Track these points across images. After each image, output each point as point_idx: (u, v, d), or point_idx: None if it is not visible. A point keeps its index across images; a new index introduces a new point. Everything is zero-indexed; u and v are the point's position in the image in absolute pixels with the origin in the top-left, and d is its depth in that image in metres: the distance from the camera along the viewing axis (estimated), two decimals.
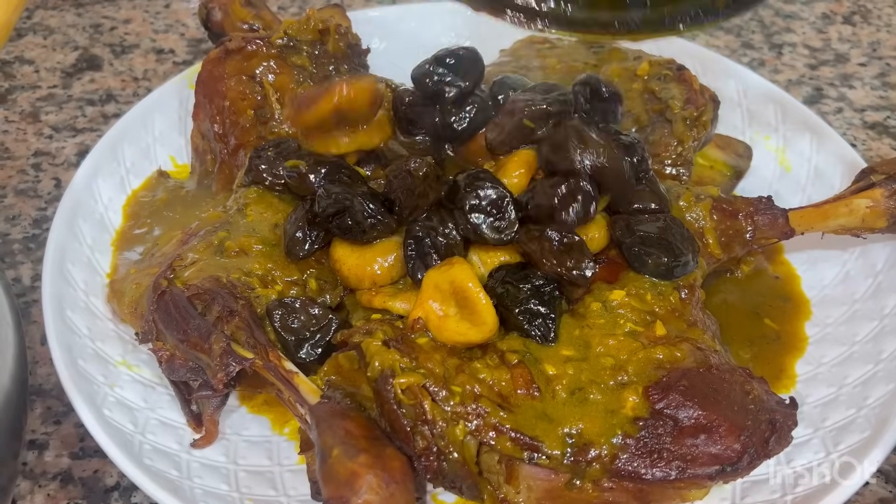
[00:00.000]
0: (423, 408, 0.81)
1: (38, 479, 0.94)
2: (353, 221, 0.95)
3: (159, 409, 0.95)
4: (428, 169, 0.94)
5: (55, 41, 1.66)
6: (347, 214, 0.95)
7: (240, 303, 0.92)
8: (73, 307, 1.01)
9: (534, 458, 0.81)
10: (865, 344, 1.01)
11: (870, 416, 0.91)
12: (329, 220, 0.95)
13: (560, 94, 1.01)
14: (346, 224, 0.95)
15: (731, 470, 0.81)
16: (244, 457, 0.92)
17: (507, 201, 0.93)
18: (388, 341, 0.86)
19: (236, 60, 1.15)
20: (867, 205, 1.03)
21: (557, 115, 1.00)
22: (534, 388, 0.85)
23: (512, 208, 0.93)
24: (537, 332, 0.89)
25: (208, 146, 1.20)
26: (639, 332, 0.90)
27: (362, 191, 0.97)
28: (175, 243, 1.05)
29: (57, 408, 1.01)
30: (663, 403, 0.83)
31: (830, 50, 1.67)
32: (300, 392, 0.85)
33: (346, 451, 0.76)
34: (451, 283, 0.89)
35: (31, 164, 1.37)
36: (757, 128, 1.31)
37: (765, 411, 0.85)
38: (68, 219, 1.09)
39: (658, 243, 0.95)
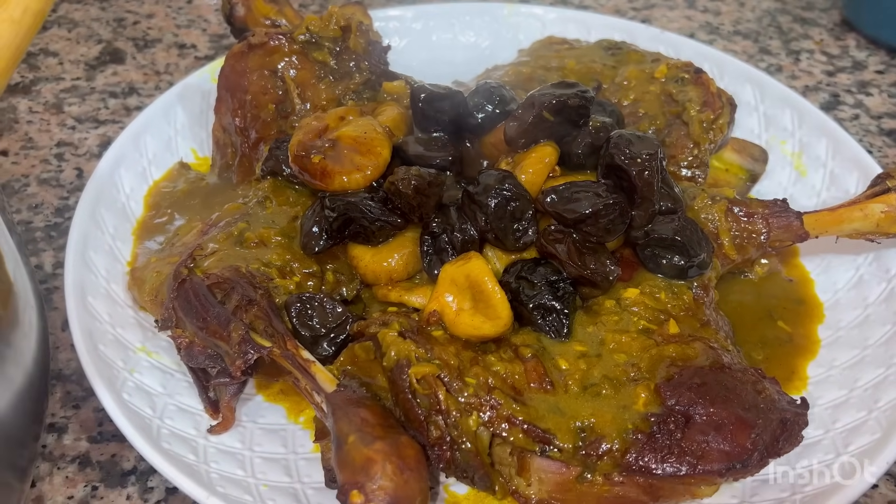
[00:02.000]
0: (438, 398, 0.82)
1: (56, 462, 0.95)
2: (361, 227, 0.97)
3: (177, 395, 0.96)
4: (417, 181, 0.95)
5: (79, 34, 1.69)
6: (354, 222, 0.96)
7: (258, 292, 0.94)
8: (94, 294, 1.02)
9: (545, 451, 0.82)
10: (878, 348, 1.02)
11: (880, 418, 0.92)
12: (340, 230, 0.98)
13: (580, 91, 1.02)
14: (356, 230, 0.97)
15: (741, 467, 0.81)
16: (260, 444, 0.94)
17: (529, 210, 0.94)
18: (403, 332, 0.87)
19: (259, 55, 1.17)
20: (882, 209, 1.03)
21: (577, 109, 1.01)
22: (547, 381, 0.86)
23: (532, 216, 0.94)
24: (551, 328, 0.90)
25: (229, 139, 1.22)
26: (652, 329, 0.91)
27: (364, 196, 0.98)
28: (195, 233, 1.06)
29: (76, 392, 1.02)
30: (675, 400, 0.84)
31: (848, 57, 1.67)
32: (317, 380, 0.87)
33: (362, 438, 0.77)
34: (466, 278, 0.91)
35: (53, 154, 1.39)
36: (773, 132, 1.32)
37: (776, 411, 0.85)
38: (91, 207, 1.11)
39: (673, 244, 0.96)
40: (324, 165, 0.99)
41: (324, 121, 1.06)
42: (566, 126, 1.01)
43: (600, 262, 0.93)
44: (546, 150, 1.00)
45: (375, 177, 1.01)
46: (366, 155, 1.00)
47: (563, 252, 0.93)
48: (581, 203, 0.94)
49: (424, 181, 0.96)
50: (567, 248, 0.93)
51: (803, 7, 1.84)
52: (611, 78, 1.27)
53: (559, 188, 0.96)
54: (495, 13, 1.52)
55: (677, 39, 1.45)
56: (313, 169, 1.00)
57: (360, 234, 0.98)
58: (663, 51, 1.37)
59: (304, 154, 1.01)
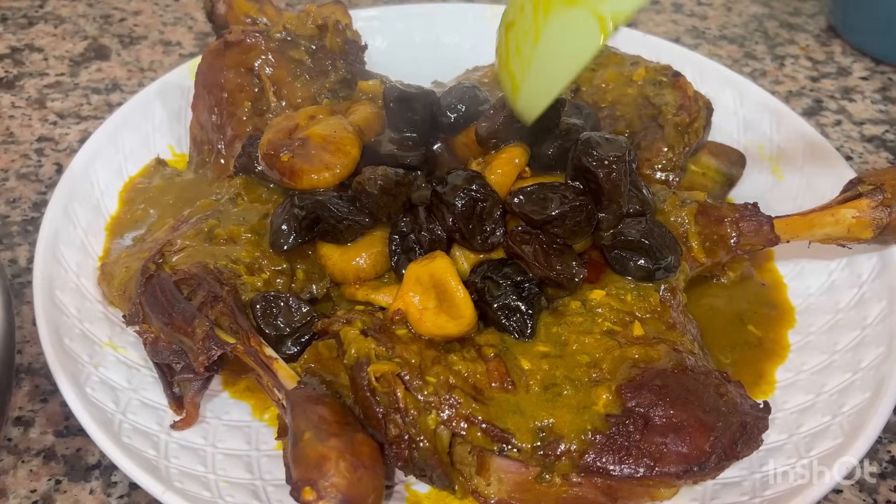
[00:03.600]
0: (396, 396, 0.82)
1: (21, 455, 0.95)
2: (330, 226, 0.97)
3: (142, 390, 0.97)
4: (384, 181, 0.96)
5: (65, 30, 1.69)
6: (323, 221, 0.97)
7: (225, 289, 0.94)
8: (63, 288, 1.03)
9: (504, 451, 0.82)
10: (846, 353, 1.01)
11: (843, 423, 0.91)
12: (309, 229, 0.98)
13: None
14: (325, 229, 0.97)
15: (699, 470, 0.81)
16: (223, 440, 0.94)
17: (497, 211, 0.94)
18: (366, 330, 0.87)
19: (235, 53, 1.17)
20: (853, 215, 1.03)
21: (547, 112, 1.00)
22: (508, 381, 0.86)
23: (500, 217, 0.94)
24: (514, 328, 0.90)
25: (206, 136, 1.22)
26: (616, 331, 0.91)
27: (332, 195, 0.98)
28: (166, 229, 1.07)
29: (45, 386, 1.02)
30: (635, 402, 0.84)
31: (833, 63, 1.67)
32: (278, 377, 0.87)
33: (318, 435, 0.77)
34: (431, 277, 0.91)
35: (34, 149, 1.39)
36: (751, 136, 1.32)
37: (737, 414, 0.85)
38: (64, 202, 1.11)
39: (640, 247, 0.95)
40: (292, 164, 1.00)
41: (294, 120, 1.06)
42: (536, 128, 1.01)
43: (566, 264, 0.93)
44: (516, 151, 1.00)
45: (344, 176, 1.01)
46: (335, 154, 1.00)
47: (530, 253, 0.93)
48: (548, 205, 0.94)
49: (391, 181, 0.96)
50: (533, 249, 0.93)
51: (790, 13, 1.84)
52: (589, 80, 1.27)
53: (527, 189, 0.96)
54: (479, 15, 1.52)
55: (659, 43, 1.45)
56: (282, 167, 1.00)
57: (328, 232, 0.98)
58: (645, 54, 1.37)
59: (273, 153, 1.01)
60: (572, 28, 0.82)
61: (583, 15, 0.80)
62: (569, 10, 0.82)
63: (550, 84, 0.87)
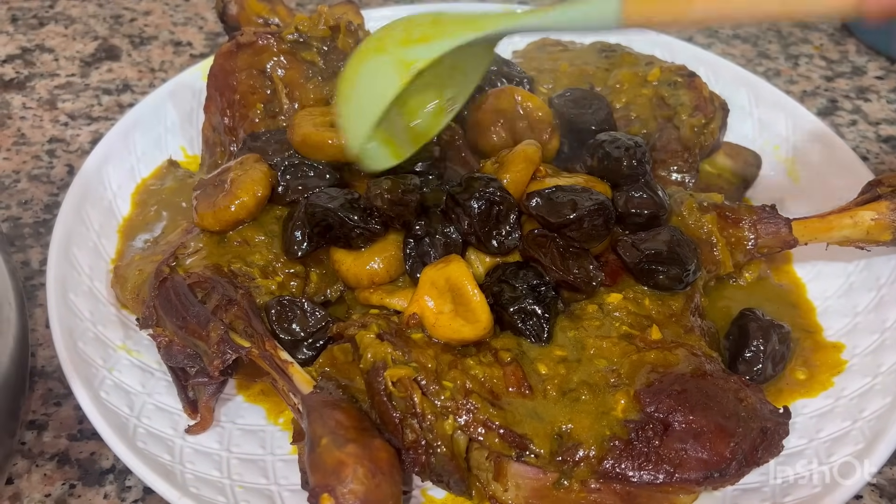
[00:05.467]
0: (413, 401, 0.82)
1: (35, 459, 0.95)
2: (341, 234, 0.96)
3: (156, 394, 0.96)
4: (391, 195, 0.95)
5: (76, 30, 1.69)
6: (334, 228, 0.96)
7: (239, 292, 0.93)
8: (76, 291, 1.02)
9: (522, 456, 0.81)
10: (865, 357, 1.00)
11: (864, 428, 0.90)
12: (322, 235, 0.97)
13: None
14: (337, 235, 0.97)
15: (719, 476, 0.80)
16: (238, 444, 0.93)
17: (513, 214, 0.93)
18: (382, 334, 0.87)
19: (247, 54, 1.17)
20: (872, 217, 1.02)
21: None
22: (525, 386, 0.85)
23: (516, 220, 0.93)
24: (531, 332, 0.89)
25: (218, 138, 1.21)
26: (634, 335, 0.90)
27: (341, 203, 0.97)
28: (180, 232, 1.06)
29: (58, 390, 1.02)
30: (654, 407, 0.83)
31: (847, 62, 1.66)
32: (294, 382, 0.86)
33: (335, 441, 0.77)
34: (447, 281, 0.90)
35: (45, 150, 1.39)
36: (767, 137, 1.31)
37: (757, 419, 0.84)
38: (77, 204, 1.11)
39: (668, 258, 0.94)
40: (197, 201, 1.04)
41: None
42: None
43: (583, 268, 0.93)
44: (530, 151, 1.00)
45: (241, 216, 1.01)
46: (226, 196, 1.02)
47: (547, 256, 0.92)
48: (566, 207, 0.94)
49: (397, 192, 0.95)
50: (550, 253, 0.92)
51: None
52: (604, 81, 1.27)
53: (544, 192, 0.96)
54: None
55: (673, 42, 1.44)
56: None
57: (340, 239, 0.97)
58: (658, 54, 1.36)
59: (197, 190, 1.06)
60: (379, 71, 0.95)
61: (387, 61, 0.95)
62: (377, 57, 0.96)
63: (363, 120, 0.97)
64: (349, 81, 0.99)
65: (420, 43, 0.94)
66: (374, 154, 1.01)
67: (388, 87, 0.94)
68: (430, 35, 0.95)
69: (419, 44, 0.94)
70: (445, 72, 1.01)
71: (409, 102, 1.02)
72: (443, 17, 0.97)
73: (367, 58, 0.97)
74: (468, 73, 1.05)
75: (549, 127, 1.13)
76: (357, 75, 0.97)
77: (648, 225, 0.98)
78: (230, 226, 1.01)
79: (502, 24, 0.95)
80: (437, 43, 0.94)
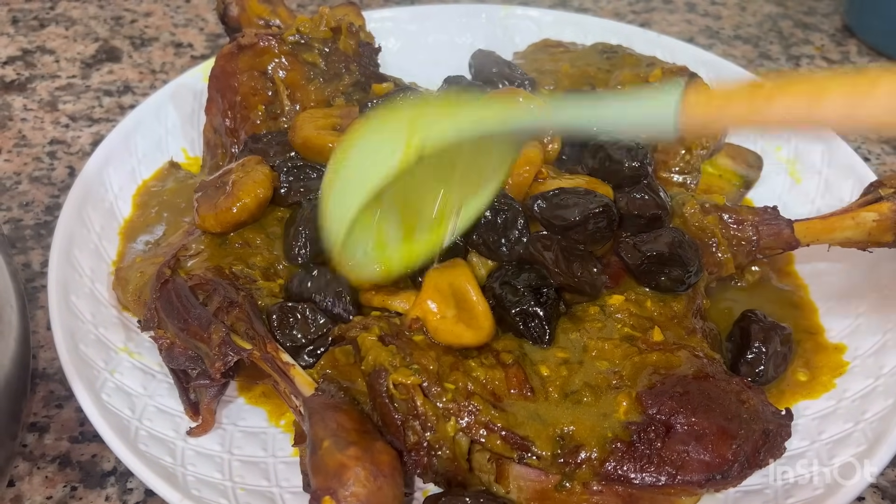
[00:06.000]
0: (415, 403, 0.82)
1: (36, 461, 0.95)
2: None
3: (158, 396, 0.96)
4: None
5: (76, 32, 1.69)
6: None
7: (241, 294, 0.93)
8: (77, 293, 1.02)
9: (524, 458, 0.81)
10: (867, 358, 1.00)
11: (866, 430, 0.90)
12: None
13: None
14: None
15: (721, 478, 0.80)
16: (239, 447, 0.93)
17: (519, 220, 0.93)
18: (383, 337, 0.87)
19: (248, 56, 1.17)
20: (874, 218, 1.02)
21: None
22: (527, 388, 0.85)
23: (523, 226, 0.93)
24: (533, 334, 0.89)
25: (219, 140, 1.21)
26: (636, 337, 0.90)
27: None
28: (181, 234, 1.06)
29: (59, 392, 1.02)
30: (656, 409, 0.83)
31: (849, 63, 1.66)
32: (295, 384, 0.86)
33: (337, 443, 0.77)
34: (450, 285, 0.90)
35: (46, 152, 1.39)
36: (768, 138, 1.30)
37: (759, 421, 0.84)
38: (78, 206, 1.11)
39: (670, 260, 0.94)
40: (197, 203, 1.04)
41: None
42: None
43: (587, 270, 0.92)
44: (532, 153, 1.00)
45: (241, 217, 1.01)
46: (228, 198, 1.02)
47: (551, 259, 0.92)
48: (570, 210, 0.93)
49: None
50: (554, 256, 0.92)
51: (805, 12, 1.83)
52: (605, 82, 1.27)
53: (548, 194, 0.96)
54: (492, 15, 1.51)
55: (674, 43, 1.44)
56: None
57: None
58: (660, 55, 1.36)
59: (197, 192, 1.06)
60: (384, 142, 0.82)
61: (395, 134, 0.81)
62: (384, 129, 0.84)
63: (351, 198, 0.84)
64: (339, 159, 0.85)
65: (436, 122, 0.82)
66: (359, 258, 0.91)
67: (384, 164, 0.80)
68: (445, 117, 0.83)
69: (430, 124, 0.81)
70: (457, 169, 0.88)
71: (408, 199, 0.89)
72: (464, 100, 0.85)
73: (364, 134, 0.85)
74: (484, 174, 0.91)
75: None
76: (349, 150, 0.84)
77: (650, 226, 0.98)
78: (231, 227, 1.01)
79: (538, 118, 0.84)
80: (452, 126, 0.81)
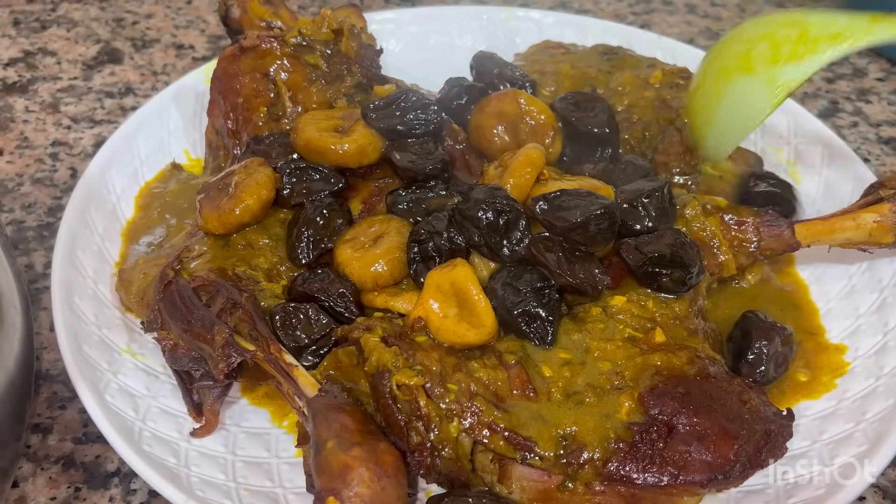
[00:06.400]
0: (419, 404, 0.82)
1: (40, 462, 0.95)
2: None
3: (161, 397, 0.96)
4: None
5: (78, 34, 1.69)
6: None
7: (244, 295, 0.93)
8: (81, 294, 1.02)
9: (527, 459, 0.82)
10: (867, 359, 1.01)
11: (867, 430, 0.91)
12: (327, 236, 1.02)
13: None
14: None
15: (723, 478, 0.81)
16: (242, 447, 0.93)
17: (522, 222, 0.94)
18: (386, 338, 0.87)
19: (250, 58, 1.17)
20: (874, 219, 1.02)
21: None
22: (529, 389, 0.85)
23: (525, 227, 0.94)
24: (535, 334, 0.89)
25: (222, 142, 1.22)
26: (638, 338, 0.91)
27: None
28: (184, 235, 1.07)
29: (63, 393, 1.02)
30: (658, 409, 0.83)
31: (848, 64, 1.66)
32: (299, 385, 0.86)
33: (340, 444, 0.77)
34: (452, 285, 0.90)
35: (48, 153, 1.39)
36: (769, 139, 1.31)
37: (760, 421, 0.85)
38: (81, 208, 1.11)
39: (672, 262, 0.94)
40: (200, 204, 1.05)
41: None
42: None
43: (589, 272, 0.93)
44: (534, 154, 1.00)
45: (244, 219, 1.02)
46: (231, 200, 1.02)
47: (553, 260, 0.92)
48: (571, 212, 0.94)
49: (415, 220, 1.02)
50: (556, 257, 0.92)
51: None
52: (605, 83, 1.27)
53: (550, 196, 0.96)
54: (493, 17, 1.52)
55: (674, 45, 1.44)
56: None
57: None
58: (660, 56, 1.36)
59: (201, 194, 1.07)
60: (748, 93, 0.97)
61: (757, 83, 0.96)
62: (746, 78, 0.97)
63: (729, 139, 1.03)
64: (712, 97, 0.99)
65: (790, 61, 0.94)
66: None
67: (760, 109, 0.95)
68: (799, 53, 0.93)
69: (789, 62, 0.94)
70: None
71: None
72: (809, 27, 0.94)
73: (732, 75, 0.97)
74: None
75: (552, 130, 1.13)
76: (722, 93, 0.98)
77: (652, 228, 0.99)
78: (234, 229, 1.01)
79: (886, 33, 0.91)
80: (807, 62, 0.93)
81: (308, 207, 1.01)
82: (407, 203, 1.02)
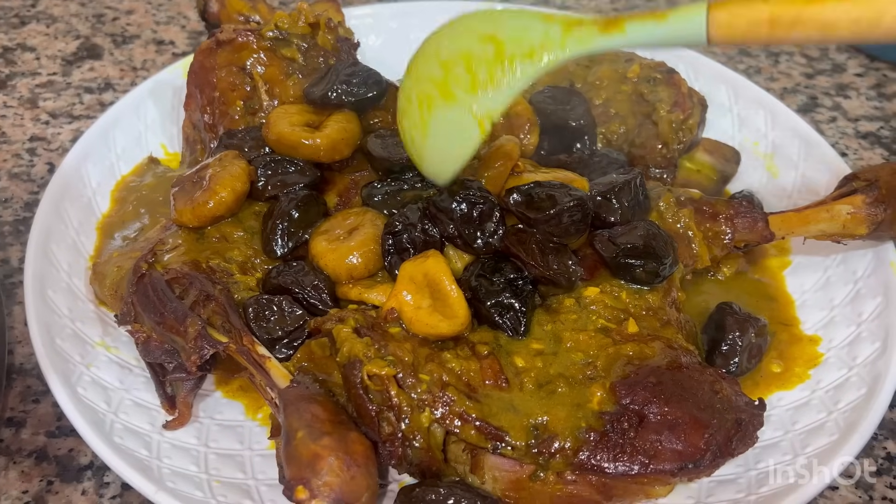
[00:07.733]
0: (390, 394, 0.82)
1: (13, 456, 0.95)
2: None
3: (134, 390, 0.96)
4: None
5: (57, 29, 1.68)
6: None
7: (217, 288, 0.93)
8: (54, 287, 1.02)
9: (498, 449, 0.82)
10: (840, 349, 1.01)
11: (839, 419, 0.91)
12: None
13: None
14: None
15: (693, 467, 0.81)
16: (216, 440, 0.93)
17: (496, 213, 0.94)
18: (359, 329, 0.87)
19: (227, 52, 1.17)
20: (848, 211, 1.03)
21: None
22: (502, 379, 0.85)
23: (499, 219, 0.94)
24: (508, 325, 0.89)
25: (198, 136, 1.21)
26: (610, 328, 0.91)
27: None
28: (158, 228, 1.06)
29: (36, 387, 1.02)
30: (629, 399, 0.83)
31: (828, 59, 1.67)
32: (271, 376, 0.86)
33: (311, 434, 0.77)
34: (424, 276, 0.90)
35: (26, 148, 1.38)
36: (746, 133, 1.31)
37: (732, 411, 0.85)
38: (56, 201, 1.11)
39: (644, 252, 0.94)
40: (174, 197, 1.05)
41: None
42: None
43: (563, 263, 0.93)
44: (508, 147, 1.00)
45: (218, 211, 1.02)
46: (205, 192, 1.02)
47: (526, 252, 0.92)
48: (545, 203, 0.94)
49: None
50: (530, 248, 0.92)
51: None
52: (583, 77, 1.27)
53: (523, 188, 0.96)
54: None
55: None
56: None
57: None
58: (638, 50, 1.36)
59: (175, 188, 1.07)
60: (454, 123, 0.91)
61: (461, 113, 0.90)
62: (448, 107, 0.91)
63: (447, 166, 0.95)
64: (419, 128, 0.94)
65: (488, 87, 0.89)
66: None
67: (470, 138, 0.91)
68: (496, 77, 0.88)
69: (487, 89, 0.89)
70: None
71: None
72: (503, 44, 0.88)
73: (435, 105, 0.92)
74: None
75: (528, 123, 1.13)
76: (429, 124, 0.93)
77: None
78: (209, 222, 1.01)
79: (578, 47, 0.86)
80: (506, 87, 0.88)
81: (283, 200, 1.01)
82: (382, 195, 1.02)
